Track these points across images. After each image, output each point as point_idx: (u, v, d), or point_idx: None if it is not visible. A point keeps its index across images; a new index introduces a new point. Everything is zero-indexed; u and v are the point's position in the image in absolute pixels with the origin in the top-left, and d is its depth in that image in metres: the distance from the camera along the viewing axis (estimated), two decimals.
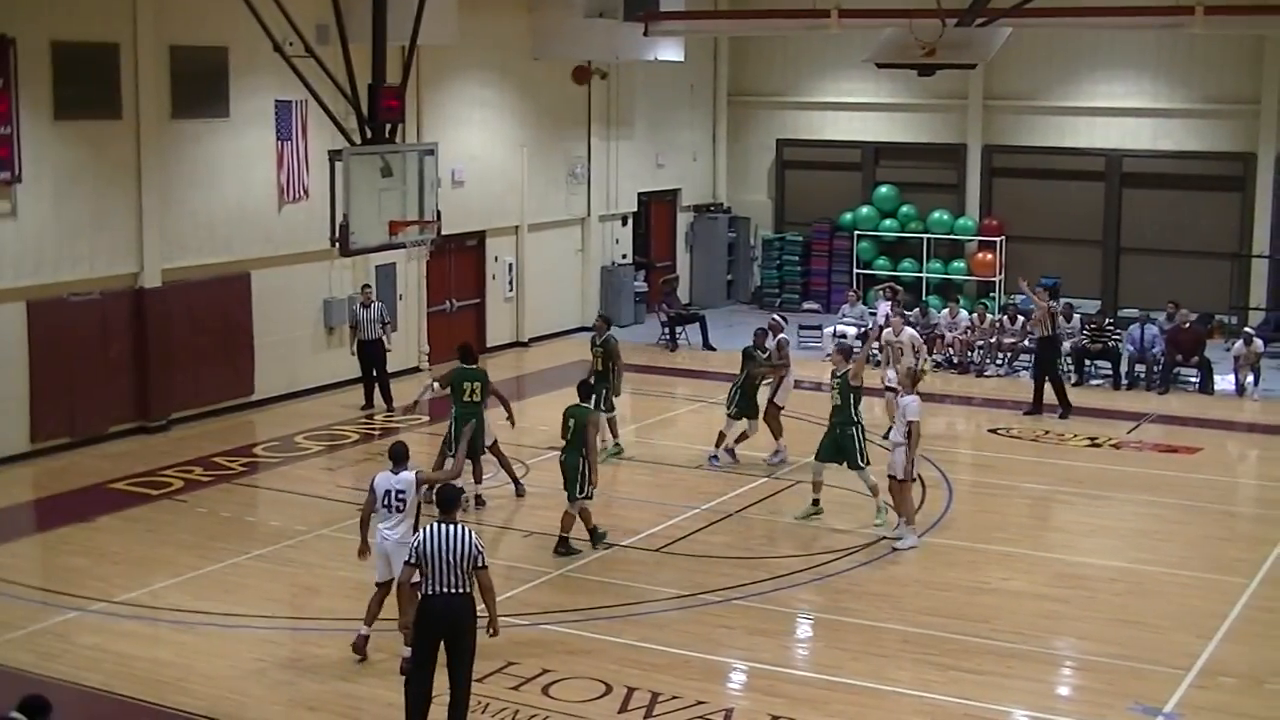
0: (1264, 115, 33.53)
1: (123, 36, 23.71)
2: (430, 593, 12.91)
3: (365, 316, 26.05)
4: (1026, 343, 29.12)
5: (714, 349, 32.26)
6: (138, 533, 19.45)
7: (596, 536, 18.68)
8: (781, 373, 22.80)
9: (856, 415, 19.78)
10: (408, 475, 15.09)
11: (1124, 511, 21.00)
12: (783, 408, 22.89)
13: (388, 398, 26.26)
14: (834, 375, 20.11)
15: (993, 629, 16.11)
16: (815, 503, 20.15)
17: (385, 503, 15.03)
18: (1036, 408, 26.12)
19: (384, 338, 26.09)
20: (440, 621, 12.92)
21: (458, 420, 19.71)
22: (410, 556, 13.05)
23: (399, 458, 15.23)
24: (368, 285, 26.77)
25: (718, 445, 22.81)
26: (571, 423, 18.49)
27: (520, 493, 21.05)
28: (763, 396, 22.85)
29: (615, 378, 22.88)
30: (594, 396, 20.90)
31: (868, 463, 19.83)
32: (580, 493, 18.28)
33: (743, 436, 22.86)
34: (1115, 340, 29.14)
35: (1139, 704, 14.19)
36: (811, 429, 21.93)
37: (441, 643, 12.96)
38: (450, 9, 26.16)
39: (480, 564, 12.92)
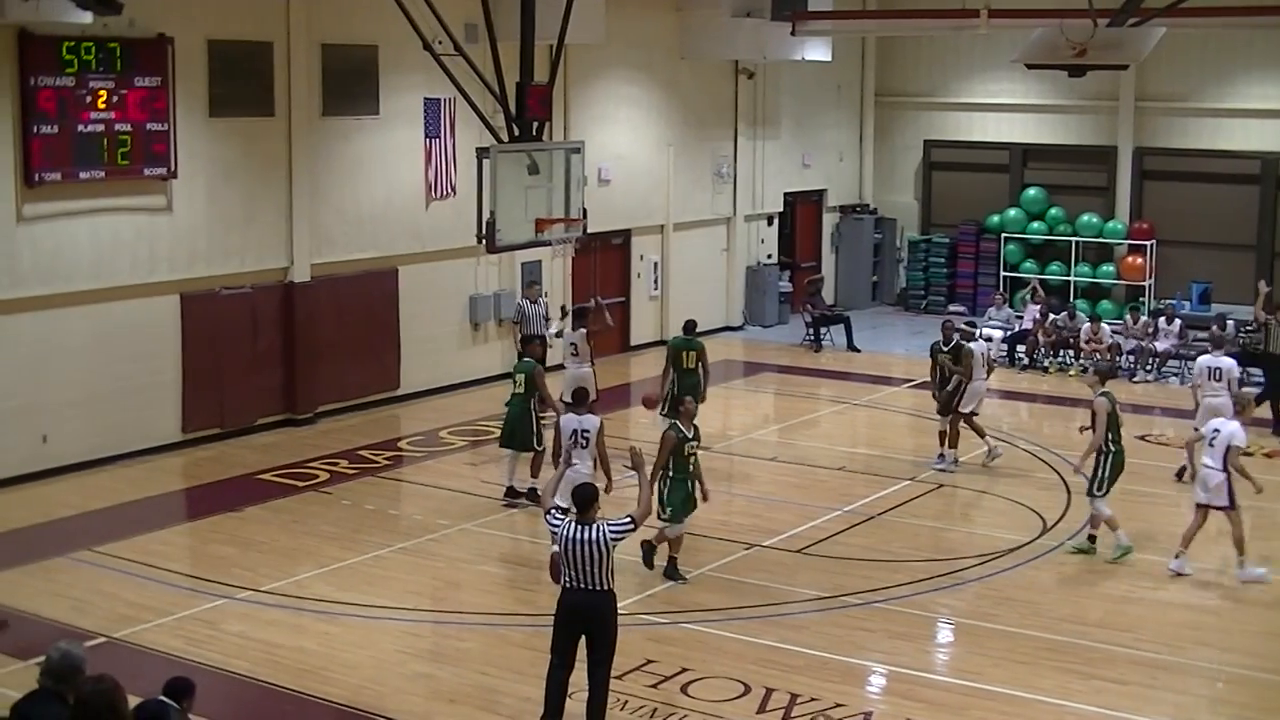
0: None
1: (276, 35, 24.09)
2: (569, 586, 13.04)
3: (533, 313, 25.89)
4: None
5: (858, 350, 32.06)
6: (284, 523, 19.73)
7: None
8: (963, 378, 22.45)
9: (1109, 442, 18.50)
10: (593, 418, 17.59)
11: (1274, 522, 20.59)
12: (967, 414, 22.57)
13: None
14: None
15: (1137, 639, 15.86)
16: (1091, 539, 19.00)
17: (573, 441, 17.20)
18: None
19: (547, 334, 26.01)
20: (578, 616, 13.06)
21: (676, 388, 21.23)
22: (554, 548, 13.27)
23: (581, 400, 18.07)
24: (536, 283, 26.78)
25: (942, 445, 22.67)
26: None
27: None
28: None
29: (705, 379, 22.47)
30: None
31: (1103, 491, 18.71)
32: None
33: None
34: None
35: None
36: None
37: (583, 638, 13.08)
38: (598, 8, 26.27)
39: (630, 528, 13.07)
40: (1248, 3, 27.94)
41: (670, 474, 17.22)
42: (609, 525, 12.99)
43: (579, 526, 12.98)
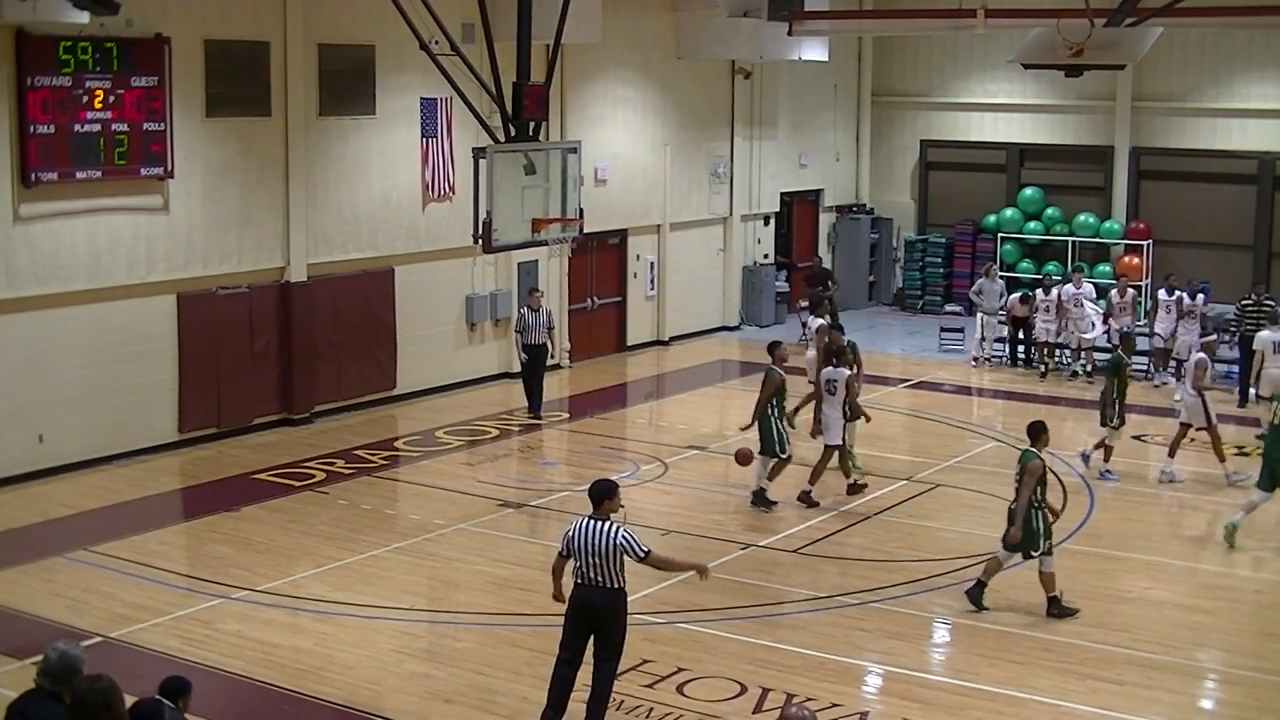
0: None
1: (273, 35, 24.09)
2: (580, 582, 13.10)
3: (533, 320, 25.56)
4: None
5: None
6: (280, 523, 19.73)
7: (1060, 608, 16.73)
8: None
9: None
10: (844, 370, 20.61)
11: (1271, 522, 20.62)
12: None
13: (539, 405, 25.74)
14: None
15: (1134, 639, 15.87)
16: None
17: (829, 389, 20.53)
18: None
19: (549, 342, 25.82)
20: (586, 612, 13.10)
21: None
22: (562, 548, 13.24)
23: (838, 353, 21.16)
24: (536, 289, 26.51)
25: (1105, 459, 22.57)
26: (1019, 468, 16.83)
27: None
28: None
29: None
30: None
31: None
32: (1033, 550, 16.71)
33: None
34: None
35: None
36: None
37: (591, 634, 13.15)
38: (595, 8, 26.26)
39: (639, 556, 12.95)
40: (1245, 2, 27.97)
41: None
42: (627, 530, 13.03)
43: (592, 521, 13.03)
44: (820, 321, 25.03)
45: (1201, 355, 22.69)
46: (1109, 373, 22.47)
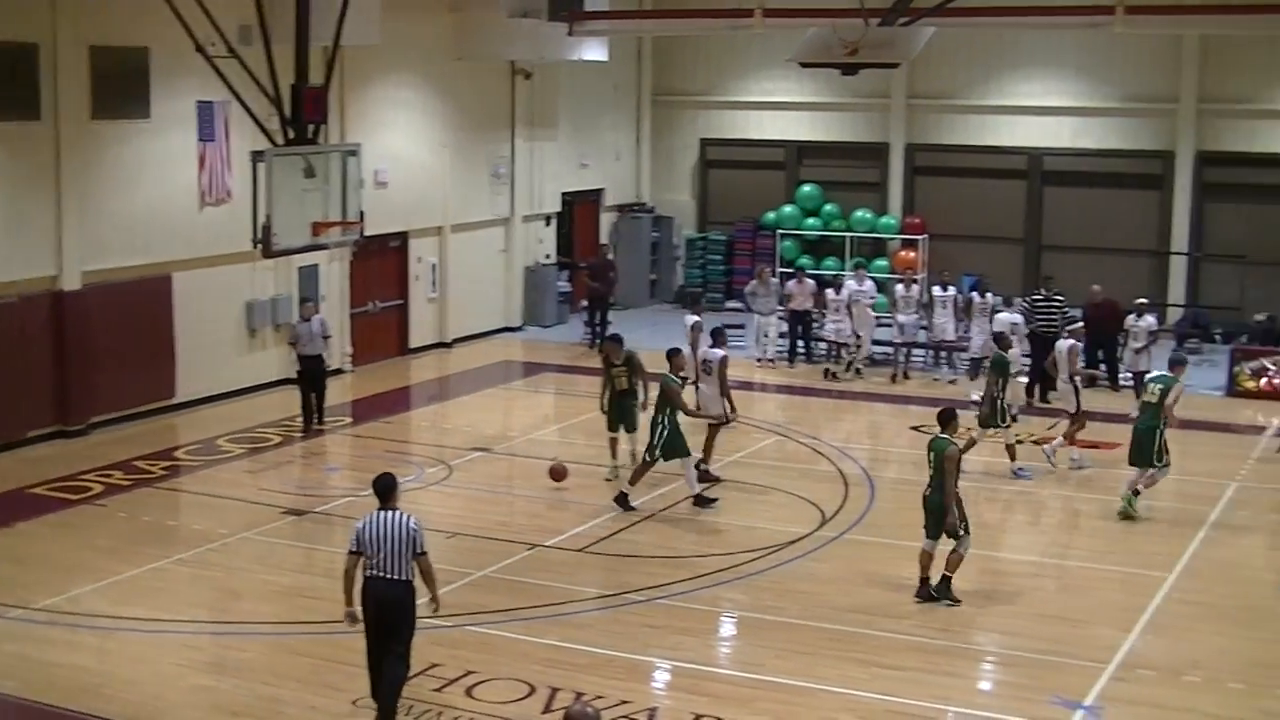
0: (1182, 114, 33.98)
1: (42, 36, 23.46)
2: (371, 575, 13.17)
3: (306, 331, 25.06)
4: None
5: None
6: (57, 538, 19.24)
7: (937, 590, 17.11)
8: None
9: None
10: (720, 352, 21.35)
11: (1046, 507, 21.20)
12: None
13: (321, 414, 25.26)
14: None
15: (916, 625, 16.20)
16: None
17: (705, 369, 21.25)
18: None
19: (324, 353, 25.37)
20: (378, 604, 13.20)
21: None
22: (351, 544, 13.26)
23: (717, 337, 21.91)
24: (308, 299, 26.18)
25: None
26: (932, 456, 17.22)
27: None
28: None
29: (645, 392, 22.02)
30: (630, 416, 21.77)
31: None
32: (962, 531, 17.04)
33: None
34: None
35: (1059, 697, 14.31)
36: None
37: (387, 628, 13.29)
38: (373, 10, 26.03)
39: (419, 550, 13.16)
40: (1014, 3, 28.68)
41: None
42: (417, 522, 13.26)
43: (382, 513, 13.19)
44: (695, 319, 25.18)
45: (1073, 342, 23.44)
46: (992, 372, 22.66)
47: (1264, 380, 27.67)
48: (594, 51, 33.45)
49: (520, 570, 17.95)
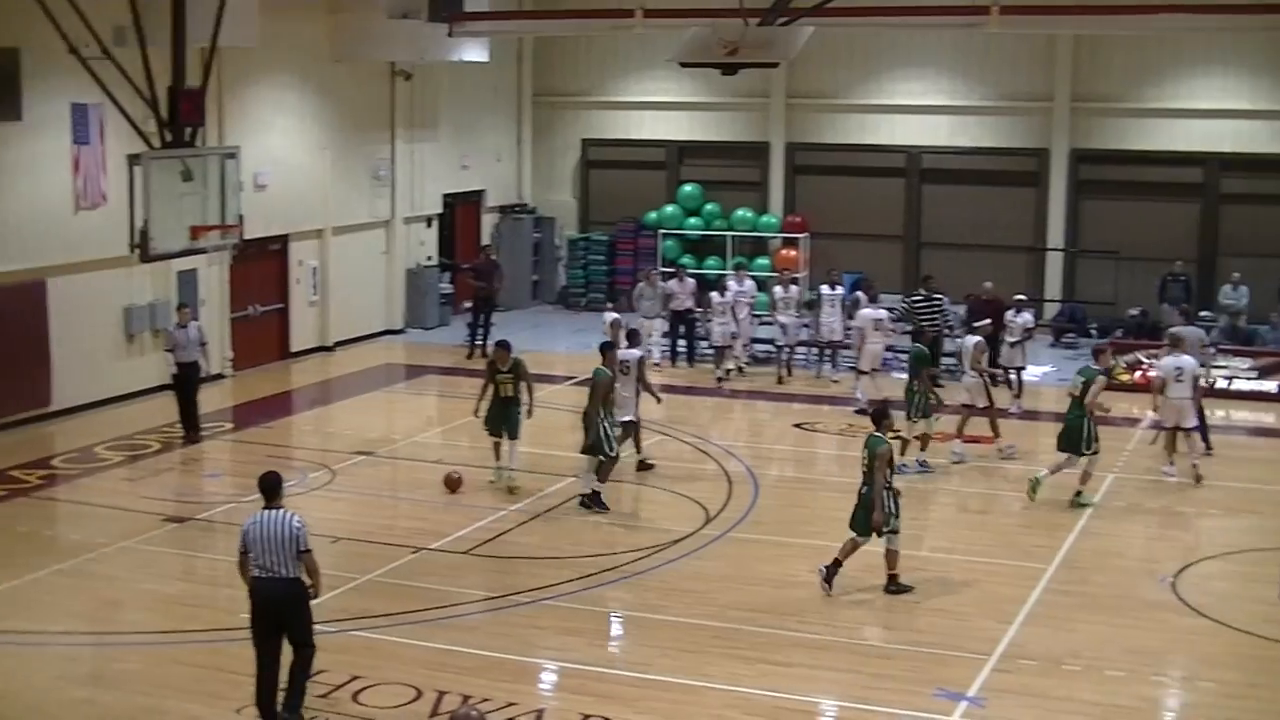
0: (1056, 112, 34.45)
1: None
2: (259, 575, 13.16)
3: (183, 337, 24.45)
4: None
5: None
6: None
7: (897, 585, 17.32)
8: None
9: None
10: (637, 352, 21.85)
11: (929, 501, 21.39)
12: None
13: (195, 423, 24.69)
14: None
15: (801, 621, 16.29)
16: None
17: (623, 369, 21.32)
18: None
19: (201, 359, 24.71)
20: (269, 605, 13.19)
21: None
22: (240, 544, 13.29)
23: (633, 338, 22.43)
24: (185, 305, 25.60)
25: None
26: (866, 453, 17.19)
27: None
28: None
29: (530, 399, 21.77)
30: (513, 422, 21.48)
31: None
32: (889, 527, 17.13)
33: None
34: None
35: (943, 689, 14.46)
36: None
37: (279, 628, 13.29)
38: (250, 11, 25.78)
39: (303, 548, 13.18)
40: (892, 4, 28.95)
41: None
42: (301, 520, 13.29)
43: (268, 512, 13.22)
44: (615, 315, 25.15)
45: (979, 338, 23.82)
46: (912, 367, 22.85)
47: (1138, 373, 28.09)
48: (474, 52, 33.36)
49: (405, 574, 17.87)
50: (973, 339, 23.74)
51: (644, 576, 17.85)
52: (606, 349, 21.34)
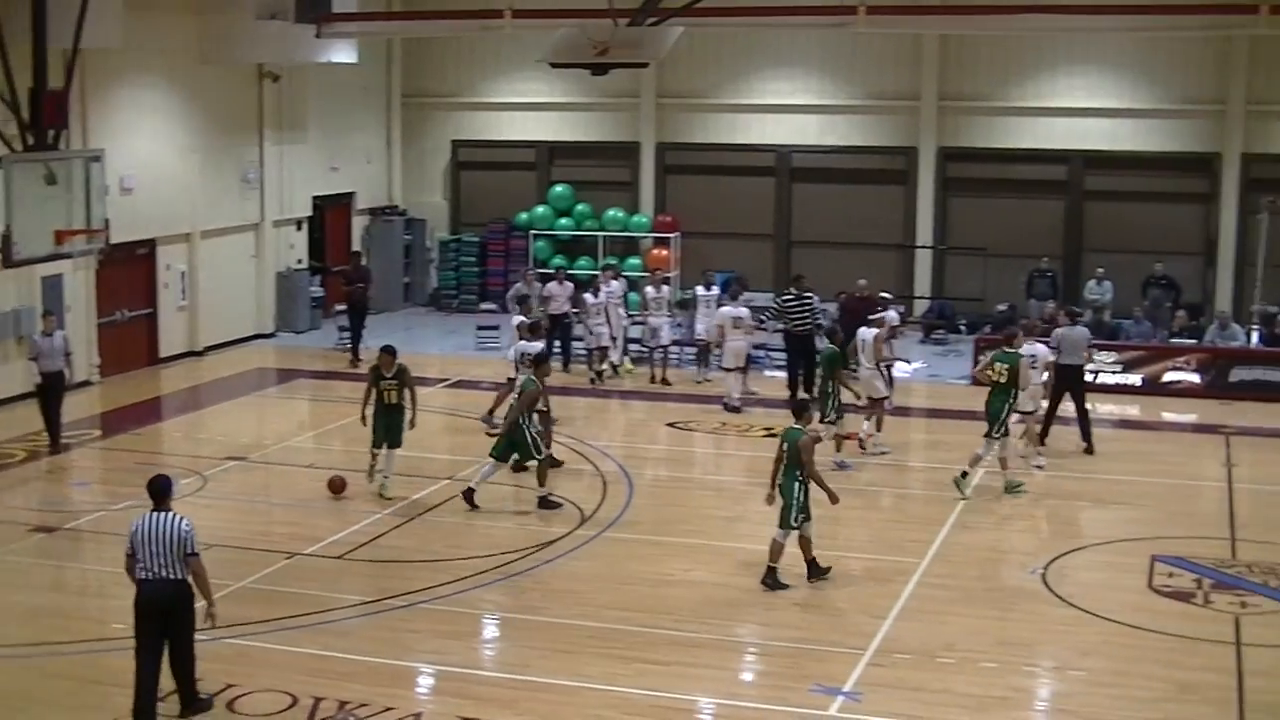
0: (924, 111, 34.90)
1: None
2: (145, 578, 13.15)
3: (48, 345, 23.75)
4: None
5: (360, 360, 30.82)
6: None
7: (816, 570, 17.74)
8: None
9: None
10: (540, 345, 22.62)
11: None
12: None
13: (57, 435, 24.06)
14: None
15: (677, 620, 16.35)
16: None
17: (519, 360, 22.29)
18: None
19: (66, 369, 24.08)
20: (154, 606, 13.17)
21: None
22: (126, 547, 13.31)
23: (535, 330, 23.70)
24: (50, 313, 24.95)
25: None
26: (786, 445, 17.35)
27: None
28: None
29: (414, 408, 21.56)
30: (396, 431, 21.27)
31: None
32: (794, 521, 17.37)
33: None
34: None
35: (820, 685, 14.57)
36: None
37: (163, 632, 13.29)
38: (115, 11, 25.43)
39: (190, 550, 13.19)
40: (761, 4, 29.11)
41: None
42: (190, 524, 13.30)
43: (156, 515, 13.23)
44: (521, 319, 25.64)
45: (878, 330, 24.07)
46: (826, 368, 22.99)
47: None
48: (343, 53, 33.16)
49: (279, 580, 17.71)
50: (872, 331, 23.95)
51: (520, 578, 17.84)
52: (540, 360, 21.35)
